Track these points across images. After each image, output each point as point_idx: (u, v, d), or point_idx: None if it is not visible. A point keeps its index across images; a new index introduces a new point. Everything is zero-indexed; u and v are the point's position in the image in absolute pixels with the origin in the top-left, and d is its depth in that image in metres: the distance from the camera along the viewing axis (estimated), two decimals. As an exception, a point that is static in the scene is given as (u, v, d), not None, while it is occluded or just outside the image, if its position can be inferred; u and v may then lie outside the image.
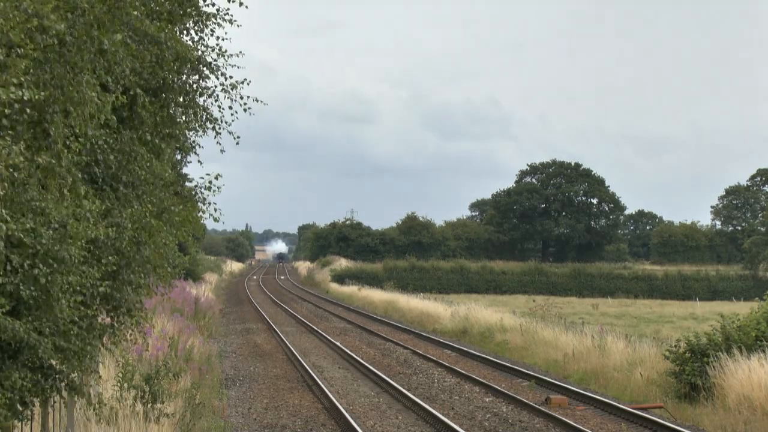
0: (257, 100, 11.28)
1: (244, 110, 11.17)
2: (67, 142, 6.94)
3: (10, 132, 6.18)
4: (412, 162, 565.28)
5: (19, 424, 8.41)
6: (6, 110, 5.93)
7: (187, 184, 12.56)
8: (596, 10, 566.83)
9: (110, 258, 8.49)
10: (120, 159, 8.84)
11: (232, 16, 10.90)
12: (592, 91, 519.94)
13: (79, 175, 7.44)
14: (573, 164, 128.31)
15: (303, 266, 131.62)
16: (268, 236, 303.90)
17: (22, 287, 6.77)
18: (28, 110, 6.20)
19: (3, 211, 6.20)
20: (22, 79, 6.08)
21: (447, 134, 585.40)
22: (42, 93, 6.27)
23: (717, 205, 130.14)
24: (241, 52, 11.19)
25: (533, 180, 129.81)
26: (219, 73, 10.82)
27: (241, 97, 11.01)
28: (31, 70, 6.31)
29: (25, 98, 5.99)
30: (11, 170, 6.08)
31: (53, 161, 6.52)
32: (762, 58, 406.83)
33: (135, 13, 7.23)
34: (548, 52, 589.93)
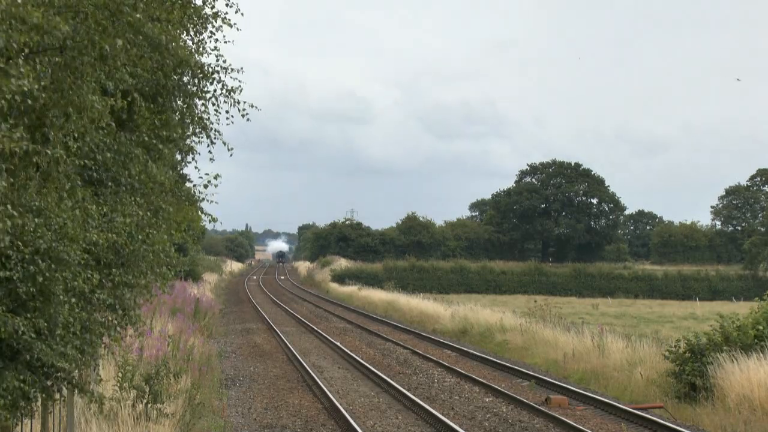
0: (252, 106, 11.30)
1: (242, 116, 11.19)
2: (67, 142, 6.94)
3: (11, 122, 6.19)
4: (411, 162, 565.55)
5: (20, 423, 8.42)
6: (12, 98, 5.92)
7: (187, 184, 12.56)
8: (592, 10, 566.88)
9: (110, 258, 8.49)
10: (117, 159, 8.85)
11: (229, 20, 10.92)
12: (588, 91, 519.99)
13: (78, 181, 7.44)
14: (573, 164, 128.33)
15: (303, 266, 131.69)
16: (268, 236, 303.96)
17: (19, 286, 6.78)
18: (29, 106, 6.20)
19: (8, 206, 6.20)
20: (23, 70, 6.08)
21: (444, 134, 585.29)
22: (42, 83, 6.26)
23: (717, 205, 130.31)
24: (242, 68, 11.22)
25: (533, 180, 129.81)
26: (218, 82, 10.82)
27: (239, 102, 11.02)
28: (33, 74, 6.31)
29: (25, 89, 5.98)
30: (8, 165, 6.08)
31: (50, 152, 6.52)
32: (760, 58, 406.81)
33: (138, 15, 7.22)
34: (544, 52, 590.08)
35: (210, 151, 11.56)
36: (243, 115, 11.14)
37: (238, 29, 11.06)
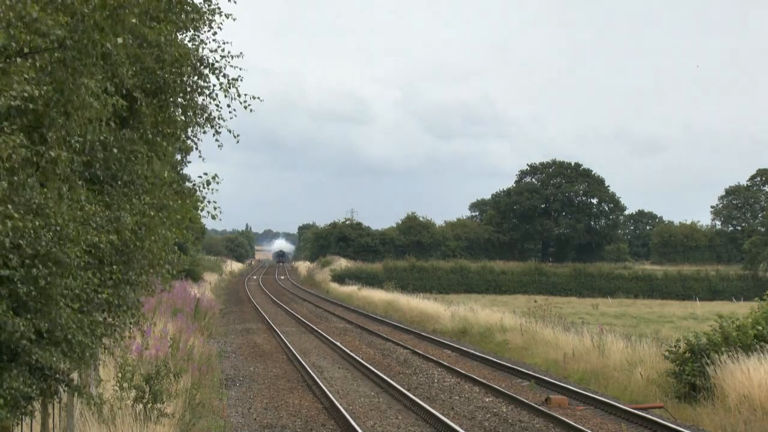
0: (254, 97, 11.24)
1: (244, 107, 11.13)
2: (68, 140, 6.94)
3: (13, 127, 6.19)
4: (411, 162, 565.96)
5: (20, 424, 8.42)
6: (12, 102, 5.93)
7: (186, 183, 12.54)
8: (591, 9, 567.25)
9: (112, 260, 8.48)
10: (120, 157, 8.83)
11: (221, 10, 10.89)
12: (588, 91, 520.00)
13: (78, 180, 7.43)
14: (573, 164, 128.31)
15: (303, 266, 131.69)
16: (268, 236, 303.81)
17: (20, 287, 6.76)
18: (30, 107, 6.20)
19: (9, 207, 6.20)
20: (26, 76, 6.08)
21: (444, 134, 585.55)
22: (44, 88, 6.27)
23: (717, 205, 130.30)
24: (241, 53, 11.17)
25: (533, 180, 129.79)
26: (220, 73, 10.79)
27: (239, 95, 10.98)
28: (32, 74, 6.31)
29: (25, 95, 5.99)
30: (10, 165, 6.08)
31: (52, 153, 6.52)
32: (759, 58, 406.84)
33: (134, 21, 7.23)
34: (543, 52, 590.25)
35: (217, 140, 11.50)
36: (245, 107, 11.09)
37: (233, 19, 11.02)
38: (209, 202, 11.81)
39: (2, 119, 6.20)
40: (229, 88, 10.85)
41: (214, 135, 11.37)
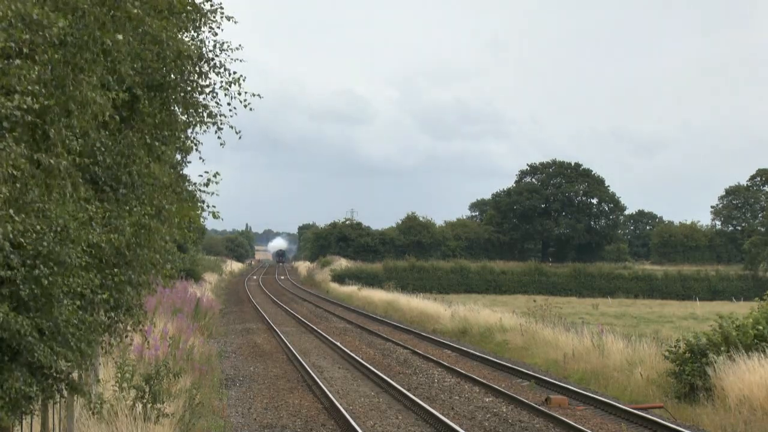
0: (254, 94, 11.22)
1: (244, 106, 11.11)
2: (68, 143, 6.94)
3: (14, 134, 6.19)
4: (411, 162, 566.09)
5: (20, 423, 8.42)
6: (12, 111, 5.94)
7: (186, 185, 12.53)
8: (589, 10, 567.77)
9: (111, 261, 8.49)
10: (119, 160, 8.83)
11: (224, 12, 10.89)
12: (587, 90, 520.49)
13: (80, 178, 7.43)
14: (573, 164, 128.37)
15: (303, 266, 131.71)
16: (268, 236, 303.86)
17: (21, 287, 6.76)
18: (29, 116, 6.21)
19: (10, 210, 6.20)
20: (29, 88, 6.09)
21: (443, 134, 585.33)
22: (46, 102, 6.27)
23: (717, 205, 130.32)
24: (240, 45, 11.17)
25: (533, 180, 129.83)
26: (222, 69, 10.78)
27: (240, 93, 10.97)
28: (34, 82, 6.31)
29: (25, 107, 6.00)
30: (12, 170, 6.09)
31: (52, 162, 6.53)
32: (759, 56, 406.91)
33: (136, 11, 7.23)
34: (543, 51, 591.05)
35: (219, 137, 11.46)
36: (245, 105, 11.07)
37: (235, 22, 11.03)
38: (209, 205, 11.82)
39: (3, 119, 6.20)
40: (231, 85, 10.84)
41: (216, 132, 11.34)
